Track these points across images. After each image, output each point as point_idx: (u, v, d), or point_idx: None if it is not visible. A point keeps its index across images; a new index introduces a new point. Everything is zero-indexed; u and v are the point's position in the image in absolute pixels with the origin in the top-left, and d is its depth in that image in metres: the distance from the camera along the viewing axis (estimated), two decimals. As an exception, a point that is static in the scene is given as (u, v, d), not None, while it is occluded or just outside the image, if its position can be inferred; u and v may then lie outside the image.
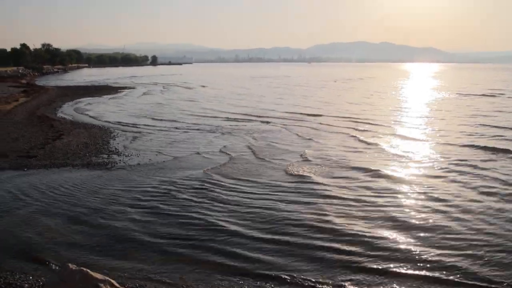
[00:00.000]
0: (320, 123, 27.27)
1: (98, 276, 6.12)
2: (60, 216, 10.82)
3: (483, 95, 49.68)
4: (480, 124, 26.34)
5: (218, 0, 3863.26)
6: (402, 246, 8.99)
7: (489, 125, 25.95)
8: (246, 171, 15.24)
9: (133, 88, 63.05)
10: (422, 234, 9.59)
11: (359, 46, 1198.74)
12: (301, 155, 17.80)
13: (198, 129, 24.90)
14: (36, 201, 11.97)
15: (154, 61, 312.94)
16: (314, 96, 48.99)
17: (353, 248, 8.92)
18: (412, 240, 9.29)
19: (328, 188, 13.13)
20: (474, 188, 13.04)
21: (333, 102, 42.32)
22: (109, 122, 27.57)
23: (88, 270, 6.17)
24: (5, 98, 38.40)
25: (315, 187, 13.24)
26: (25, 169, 15.27)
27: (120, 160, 16.79)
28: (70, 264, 6.31)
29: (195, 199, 12.19)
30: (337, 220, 10.43)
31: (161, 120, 28.92)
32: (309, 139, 21.80)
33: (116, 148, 19.00)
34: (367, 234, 9.57)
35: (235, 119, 28.95)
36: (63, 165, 15.91)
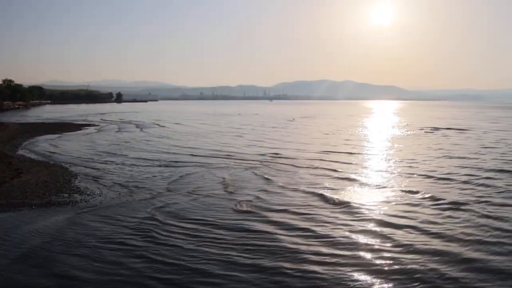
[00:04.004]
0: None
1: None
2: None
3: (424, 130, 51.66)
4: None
5: (183, 39, 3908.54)
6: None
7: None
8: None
9: (96, 125, 62.08)
10: None
11: (322, 84, 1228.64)
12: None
13: (156, 166, 24.52)
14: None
15: (119, 98, 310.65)
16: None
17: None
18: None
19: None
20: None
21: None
22: (71, 159, 26.91)
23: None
24: (-39, 135, 37.00)
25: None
26: (-21, 210, 14.57)
27: (81, 200, 16.29)
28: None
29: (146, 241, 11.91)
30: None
31: (124, 157, 28.23)
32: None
33: (77, 187, 18.48)
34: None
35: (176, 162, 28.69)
36: (21, 205, 15.30)
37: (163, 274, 9.65)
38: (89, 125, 62.31)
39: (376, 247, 11.38)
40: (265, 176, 21.35)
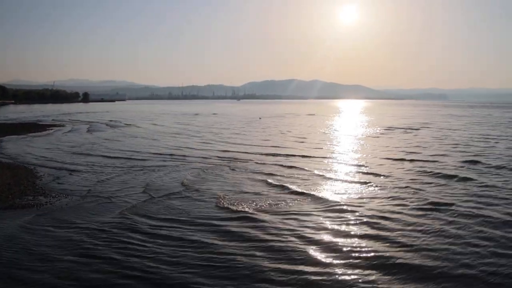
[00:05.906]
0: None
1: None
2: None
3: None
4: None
5: (153, 38, 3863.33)
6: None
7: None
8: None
9: (62, 126, 61.09)
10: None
11: (291, 84, 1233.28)
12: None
13: (85, 172, 23.56)
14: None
15: (86, 98, 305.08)
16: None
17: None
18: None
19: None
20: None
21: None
22: (35, 161, 26.50)
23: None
24: None
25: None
26: None
27: (46, 202, 16.22)
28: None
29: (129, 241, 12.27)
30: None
31: (90, 159, 27.82)
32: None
33: (42, 189, 18.36)
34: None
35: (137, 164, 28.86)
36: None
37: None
38: (56, 125, 61.10)
39: (270, 263, 10.45)
40: (185, 182, 19.96)
